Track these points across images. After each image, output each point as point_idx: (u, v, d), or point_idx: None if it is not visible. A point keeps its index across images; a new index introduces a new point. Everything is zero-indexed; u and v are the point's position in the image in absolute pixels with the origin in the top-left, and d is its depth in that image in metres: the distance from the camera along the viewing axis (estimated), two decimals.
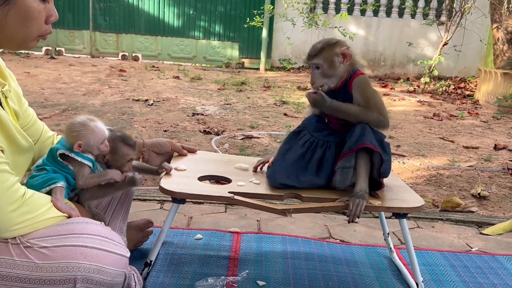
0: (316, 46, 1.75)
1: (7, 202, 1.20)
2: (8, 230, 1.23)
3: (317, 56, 1.73)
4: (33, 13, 1.29)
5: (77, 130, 1.46)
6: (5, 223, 1.22)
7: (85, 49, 10.31)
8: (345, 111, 1.73)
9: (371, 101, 1.72)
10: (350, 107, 1.73)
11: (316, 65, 1.73)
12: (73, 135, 1.46)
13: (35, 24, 1.31)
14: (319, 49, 1.73)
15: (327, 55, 1.72)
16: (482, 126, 5.80)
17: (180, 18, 10.26)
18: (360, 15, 10.17)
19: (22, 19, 1.28)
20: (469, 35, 8.83)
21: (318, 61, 1.73)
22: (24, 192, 1.25)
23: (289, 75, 9.54)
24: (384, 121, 1.73)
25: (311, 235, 2.38)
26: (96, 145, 1.49)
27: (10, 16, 1.27)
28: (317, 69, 1.74)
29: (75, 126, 1.46)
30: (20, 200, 1.23)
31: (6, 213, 1.20)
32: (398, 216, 1.74)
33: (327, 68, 1.73)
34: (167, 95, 6.24)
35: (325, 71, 1.73)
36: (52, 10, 1.35)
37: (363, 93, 1.73)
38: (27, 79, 6.57)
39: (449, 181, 3.48)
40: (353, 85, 1.74)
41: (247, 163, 1.97)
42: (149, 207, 2.59)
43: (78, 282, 1.26)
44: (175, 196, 1.63)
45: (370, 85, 1.77)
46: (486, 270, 2.12)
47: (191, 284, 1.79)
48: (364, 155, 1.69)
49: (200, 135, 4.33)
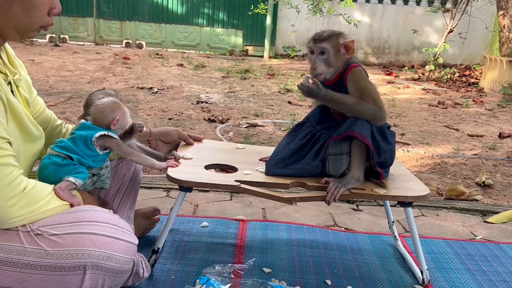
0: (322, 32, 1.74)
1: (7, 198, 1.22)
2: (7, 223, 1.25)
3: (325, 41, 1.70)
4: (37, 5, 1.31)
5: (112, 108, 1.51)
6: (5, 217, 1.23)
7: (89, 36, 10.30)
8: (339, 100, 1.70)
9: (366, 92, 1.70)
10: (345, 97, 1.71)
11: (322, 50, 1.70)
12: (107, 114, 1.50)
13: (38, 15, 1.33)
14: (327, 35, 1.71)
15: (334, 42, 1.71)
16: (487, 114, 5.79)
17: (184, 5, 10.22)
18: (365, 2, 10.12)
19: (25, 9, 1.30)
20: (474, 22, 8.77)
21: (326, 45, 1.70)
22: (25, 186, 1.26)
23: (293, 62, 9.52)
24: (381, 113, 1.71)
25: (316, 223, 2.40)
26: (124, 124, 1.55)
27: (15, 5, 1.28)
28: (322, 54, 1.71)
29: (109, 104, 1.52)
30: (20, 194, 1.24)
31: (6, 208, 1.22)
32: (403, 205, 1.75)
33: (332, 55, 1.71)
34: (171, 83, 6.25)
35: (329, 58, 1.71)
36: (56, 2, 1.36)
37: (358, 84, 1.71)
38: (32, 66, 6.58)
39: (453, 170, 3.49)
40: (348, 77, 1.73)
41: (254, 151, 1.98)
42: (155, 195, 2.61)
43: (88, 269, 1.28)
44: (182, 184, 1.64)
45: (365, 77, 1.74)
46: (490, 258, 2.13)
47: (198, 271, 1.81)
48: (358, 143, 1.69)
49: (204, 123, 4.34)
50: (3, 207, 1.22)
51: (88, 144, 1.46)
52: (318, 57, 1.71)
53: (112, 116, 1.51)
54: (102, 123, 1.50)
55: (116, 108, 1.52)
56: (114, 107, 1.52)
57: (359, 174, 1.71)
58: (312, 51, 1.73)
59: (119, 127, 1.54)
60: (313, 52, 1.72)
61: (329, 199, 1.63)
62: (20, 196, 1.24)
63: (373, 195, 1.69)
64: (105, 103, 1.52)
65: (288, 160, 1.75)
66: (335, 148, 1.72)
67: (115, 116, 1.51)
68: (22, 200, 1.25)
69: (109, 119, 1.50)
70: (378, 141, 1.71)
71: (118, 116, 1.51)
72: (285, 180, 1.71)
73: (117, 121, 1.51)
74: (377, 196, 1.69)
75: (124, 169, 1.86)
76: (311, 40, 1.73)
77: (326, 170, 1.73)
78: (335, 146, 1.72)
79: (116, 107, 1.53)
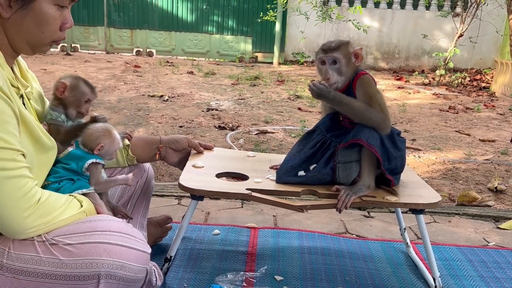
0: (331, 42, 1.74)
1: (23, 208, 1.24)
2: (23, 233, 1.27)
3: (336, 50, 1.70)
4: (48, 20, 1.33)
5: (98, 134, 1.52)
6: (21, 227, 1.26)
7: (100, 45, 10.40)
8: (348, 104, 1.70)
9: (374, 99, 1.71)
10: (354, 101, 1.71)
11: (334, 59, 1.70)
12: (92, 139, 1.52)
13: (50, 30, 1.35)
14: (337, 44, 1.72)
15: (345, 51, 1.72)
16: (498, 118, 5.74)
17: (194, 13, 10.29)
18: (374, 7, 10.11)
19: (37, 24, 1.32)
20: (485, 26, 8.71)
21: (338, 55, 1.70)
22: (39, 196, 1.28)
23: (302, 68, 9.53)
24: (386, 122, 1.71)
25: (327, 230, 2.40)
26: (112, 151, 1.56)
27: (27, 20, 1.31)
28: (334, 64, 1.71)
29: (96, 131, 1.53)
30: (35, 205, 1.26)
31: (22, 218, 1.24)
32: (415, 212, 1.75)
33: (344, 64, 1.71)
34: (182, 90, 6.28)
35: (341, 68, 1.71)
36: (68, 17, 1.39)
37: (367, 91, 1.72)
38: (44, 76, 6.66)
39: (465, 175, 3.47)
40: (356, 84, 1.73)
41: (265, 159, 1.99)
42: (167, 203, 2.63)
43: (102, 278, 1.29)
44: (194, 193, 1.65)
45: (373, 84, 1.75)
46: (503, 265, 2.12)
47: (211, 279, 1.82)
48: (367, 150, 1.69)
49: (215, 130, 4.36)
50: (19, 218, 1.24)
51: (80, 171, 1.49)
52: (330, 67, 1.71)
53: (97, 142, 1.52)
54: (88, 146, 1.52)
55: (102, 135, 1.53)
56: (100, 135, 1.53)
57: (370, 182, 1.71)
58: (323, 61, 1.73)
59: (105, 153, 1.54)
60: (324, 63, 1.73)
61: (340, 207, 1.64)
62: (35, 207, 1.26)
63: (384, 202, 1.69)
64: (95, 128, 1.54)
65: (299, 168, 1.76)
66: (344, 156, 1.72)
67: (100, 142, 1.52)
68: (37, 211, 1.27)
69: (94, 144, 1.52)
70: (387, 148, 1.71)
71: (104, 142, 1.52)
72: (296, 188, 1.72)
73: (102, 147, 1.52)
74: (388, 203, 1.69)
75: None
76: (321, 51, 1.73)
77: (337, 178, 1.74)
78: (344, 154, 1.72)
79: (102, 134, 1.53)
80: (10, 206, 1.22)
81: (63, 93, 1.55)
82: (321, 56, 1.73)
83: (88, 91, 1.59)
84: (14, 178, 1.23)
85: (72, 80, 1.58)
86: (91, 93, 1.59)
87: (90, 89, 1.60)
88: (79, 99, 1.57)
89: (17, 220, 1.24)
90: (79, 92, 1.56)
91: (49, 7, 1.32)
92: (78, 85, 1.57)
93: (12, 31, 1.33)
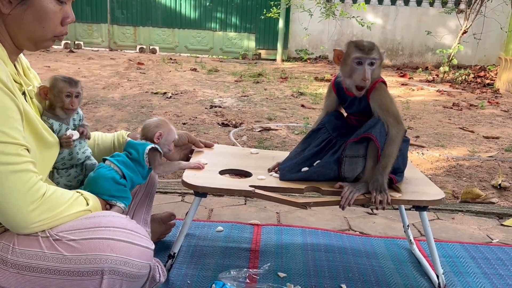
0: (368, 43, 1.70)
1: (27, 202, 1.24)
2: (28, 228, 1.28)
3: (375, 51, 1.68)
4: (49, 14, 1.33)
5: (157, 124, 1.72)
6: (25, 221, 1.26)
7: (103, 42, 10.41)
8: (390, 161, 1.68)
9: (390, 111, 1.70)
10: (388, 157, 1.67)
11: (373, 60, 1.68)
12: (151, 129, 1.70)
13: (51, 25, 1.35)
14: (374, 45, 1.69)
15: (379, 53, 1.70)
16: (502, 115, 5.72)
17: (197, 10, 10.28)
18: (378, 4, 10.08)
19: (37, 19, 1.32)
20: (489, 22, 8.68)
21: (377, 56, 1.69)
22: (44, 191, 1.29)
23: (306, 65, 9.51)
24: (401, 133, 1.71)
25: (330, 227, 2.40)
26: (170, 141, 1.73)
27: (27, 15, 1.31)
28: (371, 65, 1.68)
29: (154, 121, 1.73)
30: (40, 199, 1.27)
31: (26, 212, 1.25)
32: (418, 209, 1.75)
33: (378, 65, 1.71)
34: (185, 87, 6.29)
35: (375, 69, 1.70)
36: (69, 12, 1.38)
37: (382, 103, 1.71)
38: (48, 73, 6.67)
39: (469, 172, 3.46)
40: (372, 93, 1.71)
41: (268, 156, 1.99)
42: (170, 200, 2.63)
43: (105, 274, 1.30)
44: (197, 190, 1.66)
45: (388, 93, 1.74)
46: (507, 262, 2.11)
47: (214, 275, 1.83)
48: (373, 147, 1.69)
49: (218, 127, 4.36)
50: (24, 212, 1.25)
51: (141, 159, 1.64)
52: (369, 68, 1.68)
53: (156, 130, 1.70)
54: (147, 136, 1.70)
55: (161, 124, 1.72)
56: (159, 123, 1.72)
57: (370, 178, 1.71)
58: (359, 62, 1.68)
59: (164, 142, 1.71)
60: (361, 63, 1.68)
61: (343, 204, 1.64)
62: (40, 201, 1.27)
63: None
64: (152, 120, 1.74)
65: (303, 166, 1.76)
66: (352, 150, 1.72)
67: (158, 130, 1.70)
68: (42, 205, 1.27)
69: (152, 132, 1.69)
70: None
71: (162, 131, 1.70)
72: (299, 185, 1.72)
73: (160, 135, 1.69)
74: (392, 200, 1.69)
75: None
76: (358, 51, 1.68)
77: (342, 172, 1.74)
78: (352, 148, 1.72)
79: (160, 123, 1.72)
80: (14, 200, 1.23)
81: (46, 96, 1.55)
82: (360, 56, 1.67)
83: (65, 85, 1.56)
84: (19, 172, 1.23)
85: (50, 81, 1.58)
86: (69, 87, 1.57)
87: (67, 83, 1.58)
88: (59, 95, 1.55)
89: (21, 214, 1.24)
90: (57, 89, 1.55)
91: (48, 2, 1.32)
92: (55, 83, 1.57)
93: (14, 27, 1.33)
